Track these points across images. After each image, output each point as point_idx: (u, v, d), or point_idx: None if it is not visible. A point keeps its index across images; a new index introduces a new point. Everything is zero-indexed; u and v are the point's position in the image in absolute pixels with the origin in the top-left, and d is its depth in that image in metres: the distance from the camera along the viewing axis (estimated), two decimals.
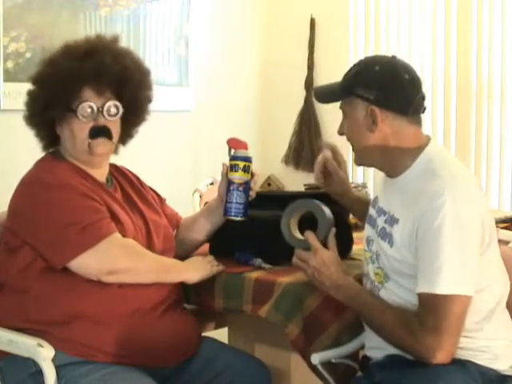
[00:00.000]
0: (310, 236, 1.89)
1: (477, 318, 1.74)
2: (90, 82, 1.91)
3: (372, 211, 1.95)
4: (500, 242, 2.17)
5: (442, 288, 1.66)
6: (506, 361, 1.77)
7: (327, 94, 1.94)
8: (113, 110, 1.93)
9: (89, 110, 1.90)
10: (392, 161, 1.84)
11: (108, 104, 1.92)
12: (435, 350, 1.66)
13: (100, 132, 1.91)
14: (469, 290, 1.68)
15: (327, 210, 1.92)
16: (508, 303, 1.88)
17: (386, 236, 1.82)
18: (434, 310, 1.67)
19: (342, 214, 2.03)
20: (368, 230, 1.94)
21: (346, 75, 1.86)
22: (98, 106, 1.91)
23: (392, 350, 1.81)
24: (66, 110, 1.90)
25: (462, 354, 1.72)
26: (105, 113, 1.91)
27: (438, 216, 1.67)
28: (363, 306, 1.82)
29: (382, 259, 1.83)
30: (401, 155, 1.83)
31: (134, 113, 2.04)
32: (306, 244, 1.90)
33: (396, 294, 1.80)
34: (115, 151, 2.06)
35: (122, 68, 1.95)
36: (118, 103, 1.94)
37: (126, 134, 2.07)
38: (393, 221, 1.80)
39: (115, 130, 1.96)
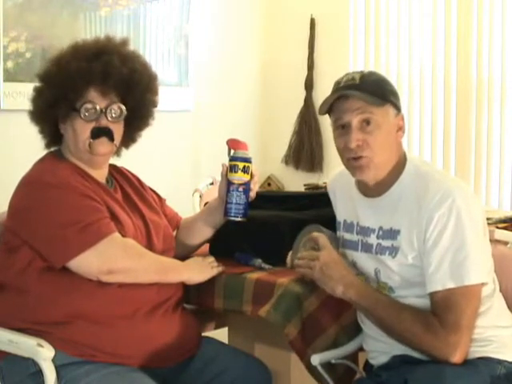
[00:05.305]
0: (321, 238, 1.87)
1: (483, 293, 1.77)
2: (96, 82, 1.91)
3: (348, 235, 1.94)
4: (499, 242, 2.18)
5: (470, 279, 1.70)
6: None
7: (359, 104, 1.78)
8: (116, 112, 1.93)
9: (92, 111, 1.90)
10: (387, 175, 1.83)
11: (112, 106, 1.92)
12: (457, 348, 1.68)
13: (101, 132, 1.91)
14: (489, 277, 1.78)
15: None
16: (508, 304, 1.89)
17: (384, 250, 1.82)
18: (453, 307, 1.69)
19: None
20: (350, 255, 1.93)
21: (369, 83, 1.79)
22: (101, 107, 1.91)
23: (397, 352, 1.81)
24: (70, 109, 1.90)
25: (473, 350, 1.73)
26: (108, 114, 1.92)
27: (452, 214, 1.71)
28: (376, 304, 1.79)
29: (385, 273, 1.83)
30: (393, 167, 1.83)
31: (139, 117, 2.04)
32: None
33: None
34: (118, 154, 2.07)
35: (129, 71, 1.95)
36: (122, 106, 1.94)
37: (129, 138, 2.07)
38: (393, 233, 1.81)
39: (117, 133, 1.96)
